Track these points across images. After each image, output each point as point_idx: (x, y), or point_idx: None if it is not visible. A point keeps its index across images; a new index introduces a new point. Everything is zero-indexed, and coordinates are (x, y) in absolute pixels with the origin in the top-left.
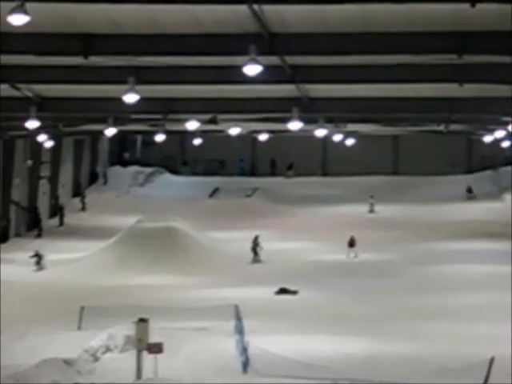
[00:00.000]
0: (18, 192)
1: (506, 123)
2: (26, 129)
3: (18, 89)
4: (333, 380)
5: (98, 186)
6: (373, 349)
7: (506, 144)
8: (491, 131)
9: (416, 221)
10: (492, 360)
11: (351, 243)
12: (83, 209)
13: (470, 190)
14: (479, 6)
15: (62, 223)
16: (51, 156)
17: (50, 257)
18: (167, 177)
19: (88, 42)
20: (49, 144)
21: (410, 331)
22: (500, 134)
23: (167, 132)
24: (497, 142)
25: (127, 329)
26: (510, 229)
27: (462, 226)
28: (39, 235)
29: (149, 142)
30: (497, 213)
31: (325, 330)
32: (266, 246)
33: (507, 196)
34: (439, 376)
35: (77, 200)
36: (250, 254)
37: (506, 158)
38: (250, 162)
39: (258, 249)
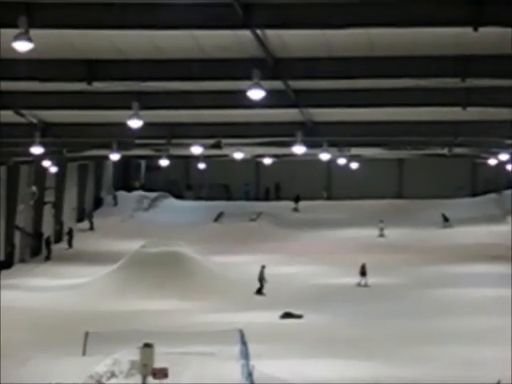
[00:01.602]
0: (23, 218)
1: (510, 146)
2: (31, 154)
3: (22, 115)
4: None
5: (103, 210)
6: (378, 373)
7: (509, 167)
8: (495, 154)
9: (421, 244)
10: (498, 383)
11: (363, 271)
12: (91, 228)
13: (446, 219)
14: (482, 30)
15: (70, 245)
16: (55, 181)
17: (54, 282)
18: (171, 201)
19: (91, 68)
20: (53, 169)
21: (414, 355)
22: (504, 157)
23: (171, 157)
24: (501, 165)
25: (132, 354)
26: None
27: (467, 249)
28: (48, 258)
29: (153, 167)
30: (501, 236)
31: (330, 355)
32: (270, 269)
33: (511, 219)
34: None
35: (81, 224)
36: (255, 280)
37: (509, 181)
38: (254, 187)
39: (263, 282)
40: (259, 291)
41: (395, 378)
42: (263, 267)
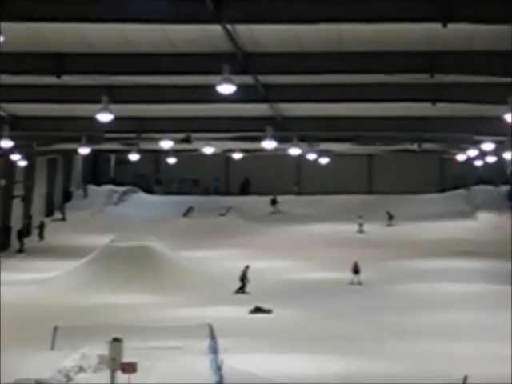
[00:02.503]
0: None
1: (478, 142)
2: (0, 148)
3: None
4: None
5: (73, 204)
6: (348, 367)
7: (478, 163)
8: (463, 150)
9: (390, 239)
10: (465, 379)
11: (355, 269)
12: (63, 219)
13: (390, 216)
14: (451, 26)
15: (42, 238)
16: (24, 175)
17: (23, 276)
18: (141, 196)
19: (61, 62)
20: (22, 163)
21: (385, 350)
22: (472, 152)
23: (141, 151)
24: (469, 160)
25: (101, 348)
26: (483, 247)
27: (436, 244)
28: (21, 250)
29: (122, 161)
30: (470, 231)
31: (299, 349)
32: (241, 264)
33: (480, 215)
34: None
35: (53, 216)
36: (225, 274)
37: (478, 177)
38: (224, 182)
39: (246, 280)
40: (240, 290)
41: (365, 372)
42: (247, 267)
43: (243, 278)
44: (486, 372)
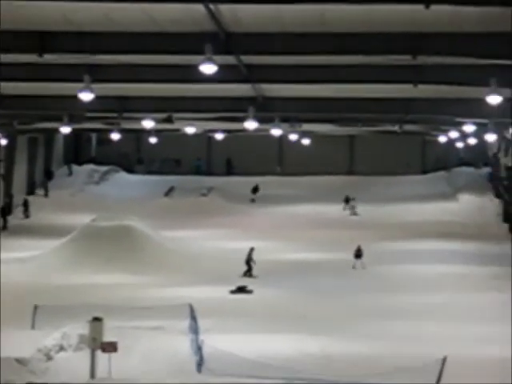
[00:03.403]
0: None
1: (460, 124)
2: None
3: None
4: (288, 379)
5: (54, 183)
6: (328, 348)
7: (459, 145)
8: (445, 132)
9: (371, 221)
10: (444, 360)
11: (358, 254)
12: (46, 195)
13: (347, 200)
14: (433, 7)
15: (27, 216)
16: (5, 154)
17: (3, 255)
18: (122, 175)
19: (43, 40)
20: (3, 142)
21: (365, 330)
22: (454, 134)
23: (122, 130)
24: (451, 142)
25: (81, 328)
26: (464, 229)
27: (417, 225)
28: (5, 227)
29: (104, 141)
30: (451, 213)
31: (281, 329)
32: (222, 244)
33: (461, 196)
34: (393, 375)
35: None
36: (207, 254)
37: (459, 159)
38: (206, 162)
39: (251, 263)
40: (247, 273)
41: (345, 352)
42: (252, 249)
43: (249, 261)
44: (466, 352)
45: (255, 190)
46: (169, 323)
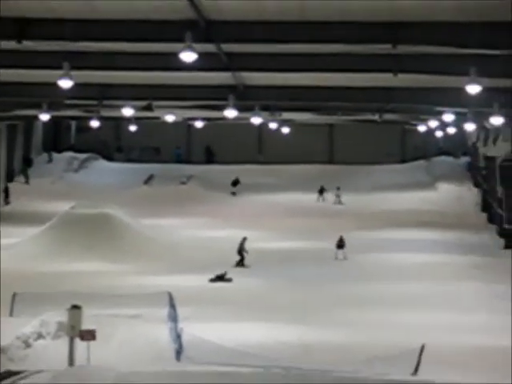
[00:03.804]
0: None
1: (439, 113)
2: None
3: None
4: (266, 367)
5: (33, 170)
6: (306, 336)
7: (438, 134)
8: (424, 121)
9: (351, 210)
10: (422, 348)
11: (340, 244)
12: (27, 182)
13: (321, 190)
14: None
15: (7, 202)
16: None
17: None
18: (102, 163)
19: (22, 26)
20: None
21: (343, 319)
22: (433, 123)
23: (102, 118)
24: (430, 131)
25: (60, 315)
26: (443, 218)
27: (396, 215)
28: None
29: (83, 128)
30: (430, 202)
31: (259, 318)
32: (201, 233)
33: (440, 185)
34: (371, 364)
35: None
36: (186, 243)
37: (438, 148)
38: (186, 150)
39: (244, 252)
40: (240, 263)
41: (323, 341)
42: (244, 239)
43: (241, 251)
44: (445, 341)
45: (235, 183)
46: (148, 311)
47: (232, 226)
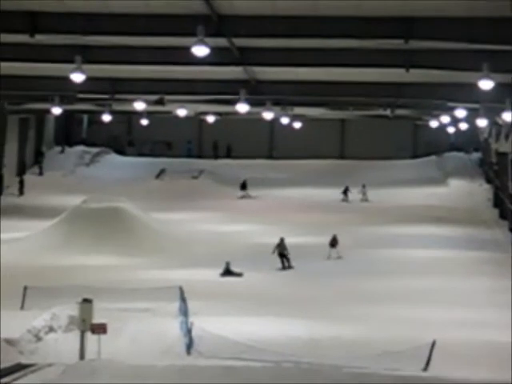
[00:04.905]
0: None
1: (451, 109)
2: None
3: None
4: (276, 362)
5: (44, 164)
6: (316, 331)
7: (450, 130)
8: (436, 117)
9: (361, 205)
10: (433, 344)
11: (333, 243)
12: (41, 173)
13: (345, 191)
14: None
15: (22, 193)
16: None
17: None
18: (113, 157)
19: (35, 20)
20: None
21: (353, 314)
22: (445, 119)
23: (114, 112)
24: (442, 127)
25: (71, 309)
26: (454, 214)
27: (408, 210)
28: None
29: (95, 122)
30: (442, 198)
31: (269, 313)
32: (212, 227)
33: (452, 181)
34: (381, 359)
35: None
36: (197, 237)
37: (450, 144)
38: (197, 144)
39: (286, 253)
40: (286, 265)
41: (333, 336)
42: (282, 240)
43: (282, 253)
44: (455, 337)
45: (243, 186)
46: (158, 305)
47: (243, 221)
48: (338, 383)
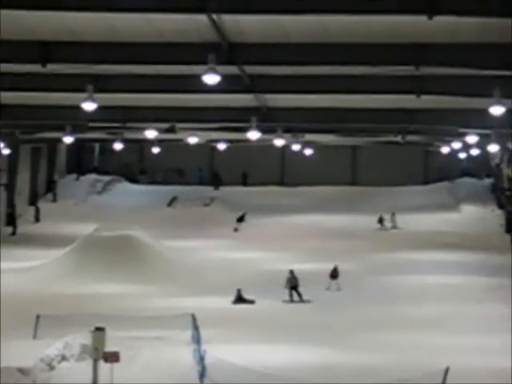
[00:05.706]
0: None
1: (463, 135)
2: None
3: None
4: None
5: (58, 192)
6: (330, 358)
7: (462, 155)
8: (448, 142)
9: (374, 231)
10: (447, 370)
11: (334, 274)
12: (54, 200)
13: (381, 220)
14: (436, 18)
15: (38, 220)
16: (8, 164)
17: (5, 265)
18: (125, 185)
19: (46, 50)
20: (6, 151)
21: (367, 341)
22: (456, 145)
23: (125, 140)
24: (453, 153)
25: (83, 337)
26: (466, 240)
27: (420, 236)
28: (14, 233)
29: (107, 150)
30: (454, 224)
31: (282, 340)
32: (223, 255)
33: (463, 207)
34: None
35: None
36: (209, 265)
37: (462, 170)
38: (208, 172)
39: (297, 285)
40: (299, 300)
41: (347, 363)
42: (292, 272)
43: (294, 286)
44: (469, 363)
45: (241, 219)
46: (171, 333)
47: (255, 248)
48: None
